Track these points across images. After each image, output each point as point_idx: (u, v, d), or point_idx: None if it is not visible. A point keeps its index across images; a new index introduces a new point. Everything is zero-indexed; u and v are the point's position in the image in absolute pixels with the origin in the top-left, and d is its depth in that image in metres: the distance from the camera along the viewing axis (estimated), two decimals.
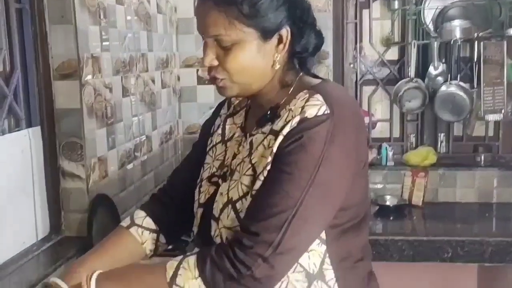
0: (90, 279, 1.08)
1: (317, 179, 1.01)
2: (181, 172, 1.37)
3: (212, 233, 1.13)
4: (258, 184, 1.06)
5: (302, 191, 1.01)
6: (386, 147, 3.03)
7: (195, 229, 1.22)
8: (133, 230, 1.28)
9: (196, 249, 1.51)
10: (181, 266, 1.03)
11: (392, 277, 1.22)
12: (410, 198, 2.88)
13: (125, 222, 1.31)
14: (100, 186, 1.98)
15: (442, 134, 3.11)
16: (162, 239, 1.30)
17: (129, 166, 2.29)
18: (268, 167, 1.05)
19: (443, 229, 2.56)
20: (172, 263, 1.04)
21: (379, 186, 2.94)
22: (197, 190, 1.23)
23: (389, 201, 2.87)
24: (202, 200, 1.20)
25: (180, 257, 1.06)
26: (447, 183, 2.91)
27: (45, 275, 1.58)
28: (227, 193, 1.11)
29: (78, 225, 1.90)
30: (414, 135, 3.16)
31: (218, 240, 1.11)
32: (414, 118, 3.15)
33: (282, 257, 1.01)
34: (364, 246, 1.18)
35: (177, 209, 1.31)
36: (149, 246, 1.28)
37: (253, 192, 1.06)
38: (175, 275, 1.02)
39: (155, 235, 1.29)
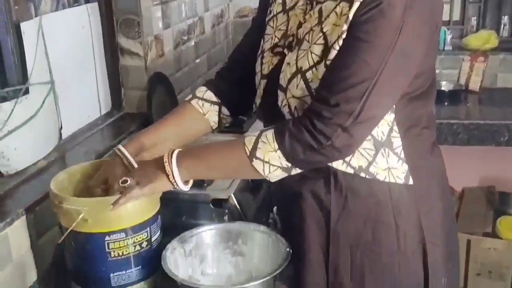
0: (171, 156, 1.08)
1: (397, 46, 0.98)
2: (242, 47, 1.35)
3: (279, 103, 1.12)
4: (333, 53, 1.03)
5: (382, 60, 0.98)
6: (444, 31, 2.90)
7: (257, 100, 1.23)
8: (194, 102, 1.29)
9: (258, 122, 1.54)
10: (260, 140, 1.03)
11: (445, 160, 1.23)
12: (467, 84, 2.81)
13: (187, 97, 1.32)
14: (157, 64, 2.00)
15: (506, 17, 2.94)
16: (225, 111, 1.31)
17: (183, 47, 2.30)
18: (343, 36, 1.02)
19: (501, 113, 2.50)
20: (250, 138, 1.05)
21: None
22: (258, 62, 1.23)
23: (445, 86, 2.80)
24: (265, 71, 1.19)
25: (257, 132, 1.05)
26: (507, 68, 2.80)
27: (110, 146, 1.66)
28: (296, 63, 1.09)
29: (137, 101, 1.95)
30: (475, 18, 3.00)
31: (286, 110, 1.12)
32: (477, 0, 2.97)
33: (361, 126, 1.00)
34: (430, 114, 1.18)
35: (240, 83, 1.30)
36: (212, 117, 1.30)
37: (328, 62, 1.04)
38: (254, 148, 1.03)
39: (216, 107, 1.30)
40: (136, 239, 1.14)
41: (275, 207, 1.34)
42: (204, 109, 1.29)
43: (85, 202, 1.11)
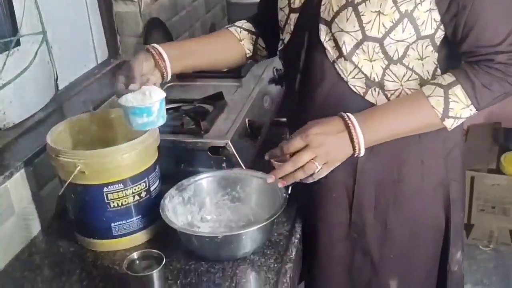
0: (355, 130, 1.03)
1: None
2: None
3: (322, 38, 1.07)
4: None
5: None
6: None
7: (286, 37, 1.18)
8: (232, 28, 1.31)
9: (256, 66, 1.51)
10: (450, 100, 1.03)
11: None
12: None
13: (226, 26, 1.34)
14: (152, 10, 1.95)
15: None
16: (261, 42, 1.31)
17: None
18: None
19: None
20: (437, 100, 1.03)
21: None
22: None
23: None
24: (296, 5, 1.13)
25: (439, 91, 1.03)
26: None
27: (108, 96, 1.66)
28: None
29: (134, 49, 1.92)
30: None
31: (330, 45, 1.07)
32: None
33: None
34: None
35: (274, 25, 1.25)
36: (247, 44, 1.30)
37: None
38: (446, 109, 1.04)
39: (253, 36, 1.30)
40: (135, 189, 1.15)
41: None
42: (241, 35, 1.30)
43: (82, 155, 1.12)
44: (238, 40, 1.30)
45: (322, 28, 1.08)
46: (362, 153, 1.06)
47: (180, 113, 1.51)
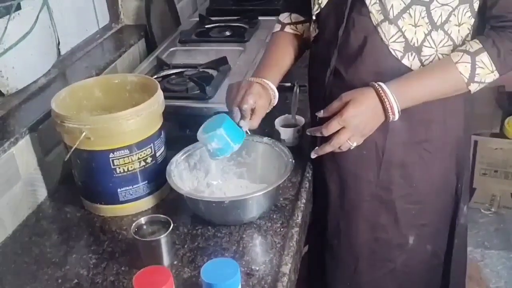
0: (382, 89, 1.08)
1: None
2: None
3: (368, 1, 1.09)
4: None
5: None
6: None
7: (322, 0, 1.17)
8: (287, 29, 1.31)
9: (260, 30, 1.48)
10: (477, 66, 1.08)
11: None
12: None
13: (275, 28, 1.33)
14: None
15: None
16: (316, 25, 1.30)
17: None
18: None
19: None
20: (464, 66, 1.08)
21: None
22: None
23: None
24: None
25: (467, 57, 1.08)
26: None
27: (111, 60, 1.64)
28: None
29: (136, 13, 1.90)
30: None
31: (376, 8, 1.08)
32: None
33: None
34: None
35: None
36: (308, 33, 1.31)
37: None
38: (472, 75, 1.08)
39: (307, 24, 1.31)
40: (141, 155, 1.15)
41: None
42: (300, 30, 1.32)
43: (87, 121, 1.11)
44: (301, 35, 1.32)
45: None
46: (396, 119, 1.11)
47: (184, 78, 1.49)
